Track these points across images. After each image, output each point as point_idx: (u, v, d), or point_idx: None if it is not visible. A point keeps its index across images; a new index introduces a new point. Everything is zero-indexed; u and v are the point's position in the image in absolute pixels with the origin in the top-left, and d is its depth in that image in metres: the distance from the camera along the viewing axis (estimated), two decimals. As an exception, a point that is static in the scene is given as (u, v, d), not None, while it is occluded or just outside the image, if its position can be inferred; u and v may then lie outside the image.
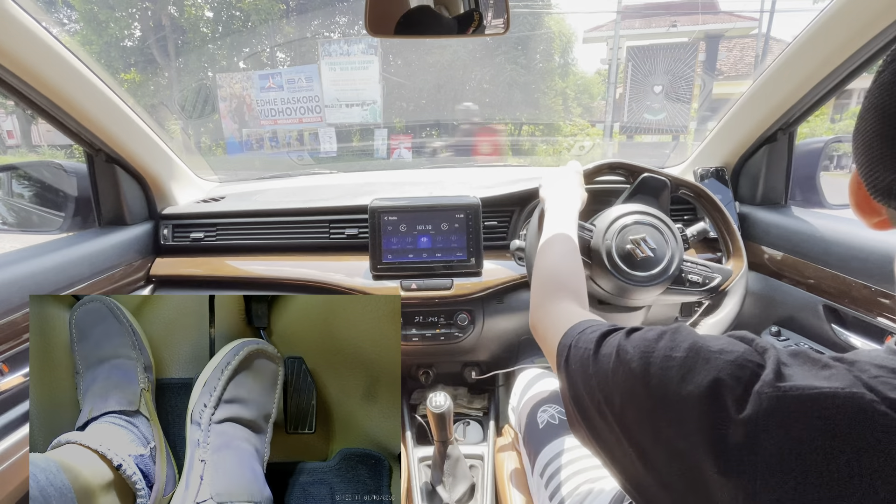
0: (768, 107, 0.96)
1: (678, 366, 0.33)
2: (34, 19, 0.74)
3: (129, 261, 1.06)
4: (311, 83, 8.14)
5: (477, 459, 1.04)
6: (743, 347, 0.32)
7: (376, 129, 8.32)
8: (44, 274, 0.82)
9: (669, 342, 0.36)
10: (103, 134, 0.95)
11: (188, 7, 10.64)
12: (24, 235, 1.09)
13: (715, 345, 0.33)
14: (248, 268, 1.11)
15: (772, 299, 0.98)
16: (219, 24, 10.72)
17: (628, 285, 0.80)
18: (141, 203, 1.14)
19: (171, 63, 10.50)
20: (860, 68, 0.81)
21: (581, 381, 0.42)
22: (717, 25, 10.48)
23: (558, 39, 11.38)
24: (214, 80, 8.94)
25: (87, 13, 10.09)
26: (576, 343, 0.45)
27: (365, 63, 8.09)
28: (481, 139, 8.09)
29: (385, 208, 1.04)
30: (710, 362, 0.32)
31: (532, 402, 0.89)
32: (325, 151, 8.08)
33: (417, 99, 10.92)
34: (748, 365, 0.31)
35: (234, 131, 8.65)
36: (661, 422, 0.33)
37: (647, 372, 0.35)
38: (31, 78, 0.77)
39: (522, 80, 10.77)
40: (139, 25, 10.72)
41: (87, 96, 0.88)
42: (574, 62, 11.99)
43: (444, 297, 1.04)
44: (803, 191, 1.08)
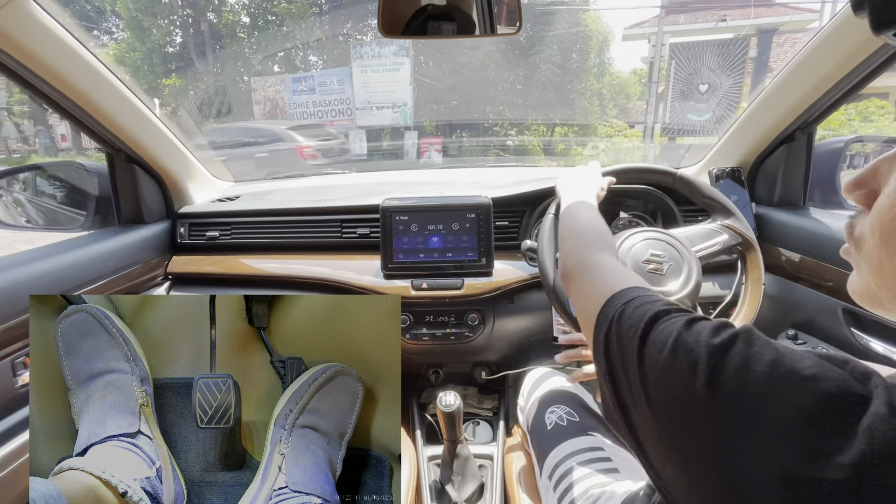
0: (786, 105, 0.94)
1: (760, 382, 0.28)
2: (59, 23, 0.76)
3: (148, 258, 1.08)
4: (342, 86, 8.18)
5: (486, 459, 1.04)
6: (839, 374, 0.27)
7: (406, 131, 8.27)
8: (66, 271, 0.85)
9: (744, 348, 0.30)
10: (123, 135, 0.98)
11: (226, 13, 10.87)
12: (48, 233, 1.13)
13: (805, 366, 0.28)
14: (262, 266, 1.13)
15: (789, 302, 0.96)
16: (255, 30, 10.91)
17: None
18: (159, 202, 1.16)
19: (210, 68, 10.69)
20: (883, 66, 0.78)
21: (621, 367, 0.36)
22: (772, 19, 9.77)
23: (595, 37, 10.84)
24: (249, 83, 9.06)
25: (133, 21, 10.41)
26: (619, 317, 0.39)
27: (396, 65, 8.07)
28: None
29: (396, 208, 1.05)
30: (803, 390, 0.27)
31: (540, 403, 0.89)
32: (355, 155, 8.07)
33: (448, 100, 10.77)
34: (849, 397, 0.26)
35: None
36: (728, 444, 0.28)
37: (714, 380, 0.29)
38: (55, 80, 0.80)
39: (557, 80, 10.40)
40: (180, 32, 10.98)
41: (109, 98, 0.90)
42: (610, 61, 11.44)
43: (454, 296, 1.04)
44: (823, 192, 1.06)
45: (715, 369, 0.30)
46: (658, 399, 0.32)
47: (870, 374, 0.27)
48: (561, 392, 0.89)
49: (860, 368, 0.28)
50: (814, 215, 0.97)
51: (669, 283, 0.79)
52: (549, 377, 0.96)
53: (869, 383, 0.26)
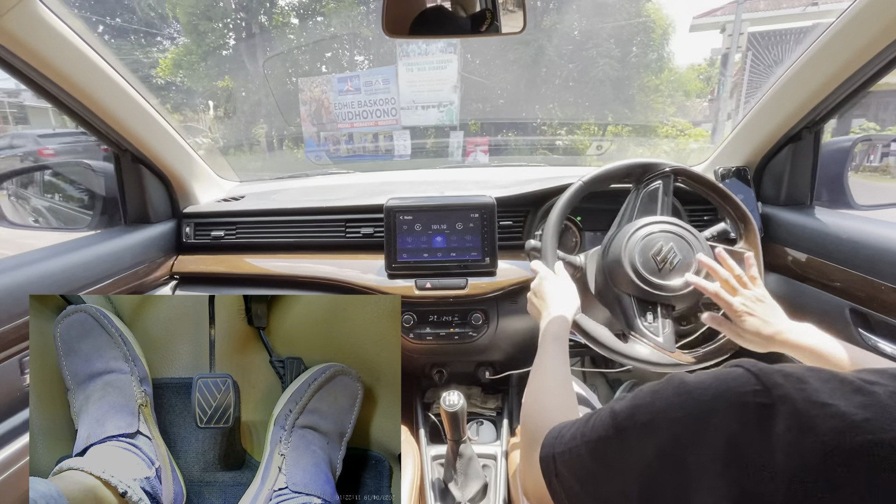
0: (793, 104, 0.93)
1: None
2: (67, 25, 0.77)
3: (153, 258, 1.09)
4: (388, 85, 7.97)
5: (490, 459, 1.04)
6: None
7: (452, 130, 8.00)
8: (73, 270, 0.85)
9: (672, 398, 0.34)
10: (129, 135, 0.99)
11: (276, 15, 10.90)
12: (55, 233, 1.14)
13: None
14: (267, 265, 1.13)
15: (795, 302, 0.95)
16: (303, 31, 10.92)
17: (661, 296, 0.79)
18: (165, 202, 1.17)
19: (260, 69, 10.73)
20: (890, 64, 0.78)
21: (580, 479, 0.39)
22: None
23: (659, 28, 9.82)
24: (297, 84, 9.08)
25: (190, 25, 10.51)
26: (558, 447, 0.42)
27: (443, 62, 7.81)
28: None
29: (400, 208, 1.05)
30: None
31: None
32: (399, 155, 7.89)
33: (495, 99, 10.30)
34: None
35: (313, 134, 8.66)
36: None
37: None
38: (62, 81, 0.80)
39: (616, 76, 9.59)
40: (233, 35, 11.07)
41: (115, 98, 0.91)
42: (670, 55, 10.25)
43: (458, 296, 1.04)
44: (830, 191, 1.05)
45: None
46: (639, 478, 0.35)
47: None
48: None
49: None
50: (821, 215, 0.97)
51: (675, 279, 0.79)
52: None
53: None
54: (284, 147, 9.63)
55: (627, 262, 0.81)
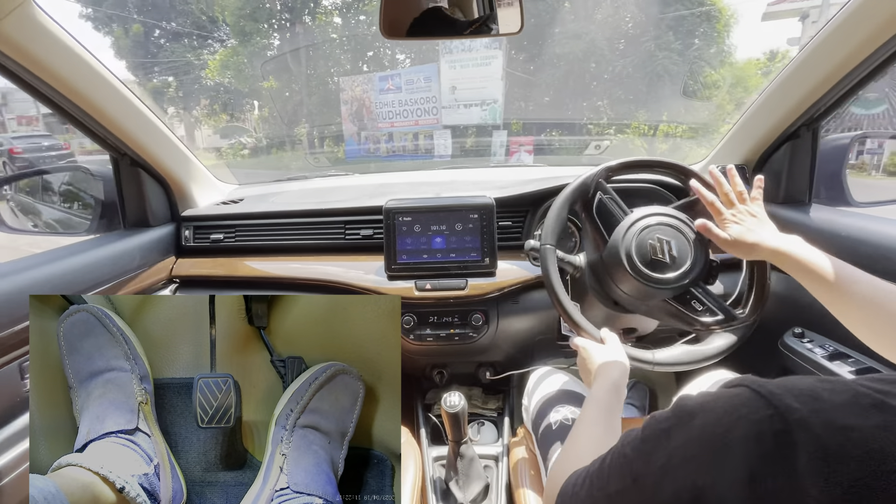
0: (791, 102, 0.93)
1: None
2: (64, 29, 0.77)
3: (153, 261, 1.09)
4: (429, 83, 7.75)
5: (491, 460, 1.04)
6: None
7: (495, 130, 7.62)
8: (73, 274, 0.85)
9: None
10: (128, 139, 0.99)
11: (319, 15, 10.89)
12: (55, 237, 1.14)
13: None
14: (266, 268, 1.13)
15: (795, 300, 0.95)
16: (346, 29, 10.92)
17: (649, 288, 0.79)
18: (164, 205, 1.17)
19: (303, 69, 10.73)
20: (886, 63, 0.78)
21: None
22: None
23: (724, 17, 8.97)
24: (338, 83, 9.02)
25: (237, 27, 10.59)
26: (573, 489, 0.42)
27: (488, 59, 7.47)
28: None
29: (400, 209, 1.05)
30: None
31: (544, 402, 0.88)
32: (440, 155, 7.64)
33: (540, 97, 9.71)
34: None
35: (353, 134, 8.56)
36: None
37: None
38: (60, 85, 0.80)
39: (676, 70, 8.80)
40: (277, 35, 11.10)
41: (113, 103, 0.91)
42: (732, 48, 9.24)
43: (458, 297, 1.04)
44: (828, 189, 1.05)
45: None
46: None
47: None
48: (566, 391, 0.89)
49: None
50: (819, 213, 0.97)
51: (669, 272, 0.79)
52: (553, 376, 0.96)
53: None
54: (325, 146, 9.62)
55: (627, 263, 0.80)
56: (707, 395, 0.34)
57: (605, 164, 0.89)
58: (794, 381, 0.31)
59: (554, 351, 1.15)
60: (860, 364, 0.82)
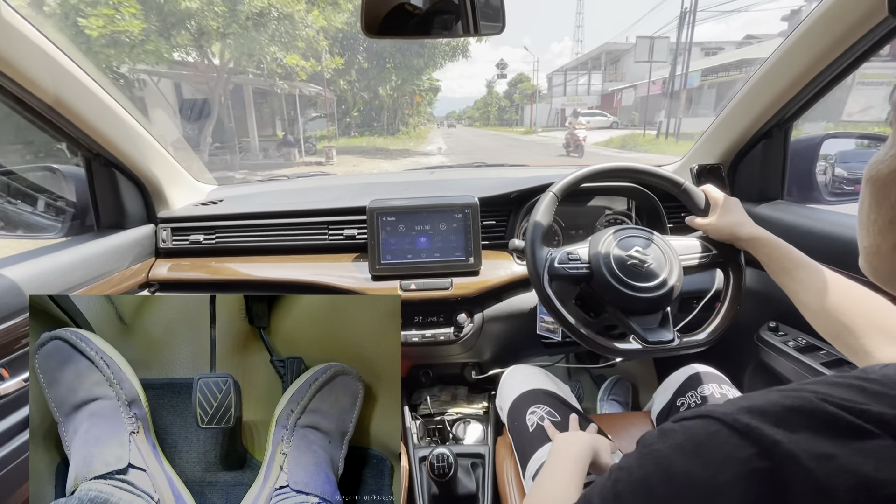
0: (764, 103, 0.97)
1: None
2: (31, 24, 0.74)
3: (129, 264, 1.06)
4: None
5: (477, 458, 1.04)
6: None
7: None
8: (43, 277, 0.82)
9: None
10: (101, 138, 0.95)
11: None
12: (24, 240, 1.09)
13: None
14: (247, 270, 1.11)
15: (769, 295, 0.98)
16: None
17: (634, 296, 0.80)
18: (139, 206, 1.14)
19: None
20: (856, 63, 0.81)
21: None
22: None
23: None
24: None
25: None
26: None
27: None
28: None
29: (383, 209, 1.04)
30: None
31: (520, 403, 0.87)
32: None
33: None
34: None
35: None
36: None
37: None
38: (27, 83, 0.77)
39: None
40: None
41: (84, 101, 0.88)
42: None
43: (443, 296, 1.04)
44: (800, 187, 1.08)
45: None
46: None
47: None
48: (540, 390, 0.89)
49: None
50: (791, 210, 1.00)
51: (645, 282, 0.80)
52: (522, 374, 0.95)
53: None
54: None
55: (610, 278, 0.80)
56: (673, 433, 0.33)
57: (589, 169, 0.86)
58: (760, 402, 0.30)
59: (538, 349, 1.16)
60: (831, 356, 0.85)
